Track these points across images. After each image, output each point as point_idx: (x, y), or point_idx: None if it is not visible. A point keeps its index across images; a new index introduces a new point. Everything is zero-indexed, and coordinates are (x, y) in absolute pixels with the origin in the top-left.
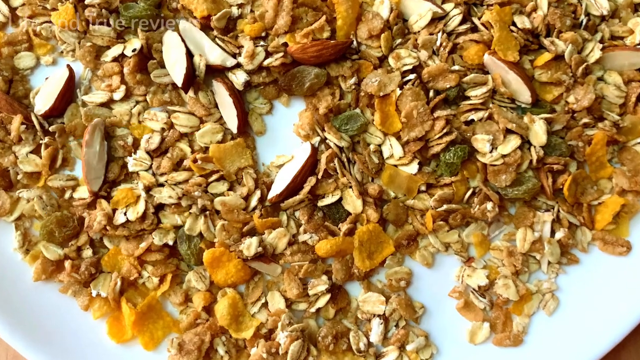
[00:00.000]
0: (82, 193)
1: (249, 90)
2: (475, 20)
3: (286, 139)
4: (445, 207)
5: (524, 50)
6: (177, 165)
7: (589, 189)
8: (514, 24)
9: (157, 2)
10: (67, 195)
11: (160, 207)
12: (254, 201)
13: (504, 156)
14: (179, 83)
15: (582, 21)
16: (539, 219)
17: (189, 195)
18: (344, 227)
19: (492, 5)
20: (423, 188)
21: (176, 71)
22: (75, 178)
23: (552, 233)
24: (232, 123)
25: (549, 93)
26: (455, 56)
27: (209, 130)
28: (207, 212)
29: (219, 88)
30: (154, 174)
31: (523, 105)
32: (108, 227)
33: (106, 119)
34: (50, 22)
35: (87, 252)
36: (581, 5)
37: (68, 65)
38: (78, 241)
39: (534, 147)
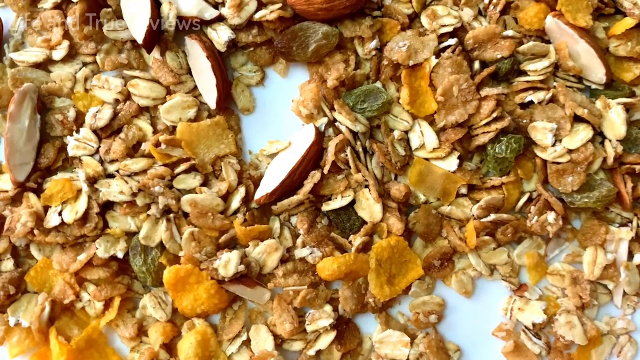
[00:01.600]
0: (4, 183)
1: (233, 53)
2: None
3: (282, 119)
4: (492, 216)
5: (596, 14)
6: (133, 150)
7: None
8: None
9: None
10: None
11: (107, 206)
12: (235, 202)
13: (570, 151)
14: (140, 39)
15: None
16: (613, 236)
17: (147, 191)
18: (357, 240)
19: None
20: (463, 191)
21: (137, 23)
22: None
23: (630, 255)
24: (210, 95)
25: (628, 71)
26: (508, 18)
27: (178, 104)
28: (171, 215)
29: (193, 48)
30: (101, 161)
31: (594, 86)
32: (36, 231)
33: (41, 85)
34: None
35: (7, 264)
36: None
37: None
38: None
39: (609, 141)
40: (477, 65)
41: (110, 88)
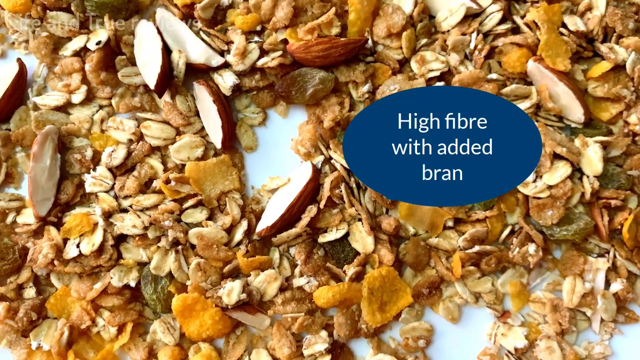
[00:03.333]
0: (28, 217)
1: (238, 96)
2: (518, 19)
3: (282, 157)
4: (477, 248)
5: (575, 57)
6: (146, 187)
7: None
8: (564, 25)
9: None
10: (9, 220)
11: (121, 239)
12: (238, 234)
13: (550, 187)
14: (152, 85)
15: None
16: (591, 266)
17: (157, 224)
18: (351, 270)
19: (538, 2)
20: (450, 223)
21: (149, 70)
22: (20, 198)
23: (607, 284)
24: (216, 136)
25: (605, 111)
26: (492, 62)
27: (187, 144)
28: (180, 247)
29: (201, 92)
30: (116, 197)
31: (573, 125)
32: (56, 262)
33: (61, 127)
34: None
35: (29, 292)
36: None
37: (19, 60)
38: (19, 278)
39: (587, 177)
40: None
41: (125, 129)
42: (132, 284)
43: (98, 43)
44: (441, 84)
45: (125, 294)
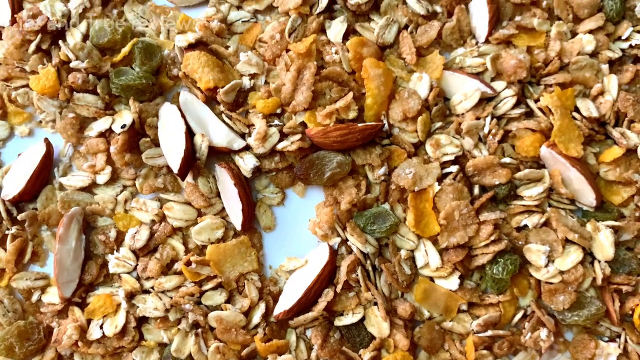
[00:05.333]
0: (53, 297)
1: (258, 177)
2: (531, 103)
3: (300, 236)
4: (490, 332)
5: (587, 139)
6: (167, 268)
7: None
8: (576, 109)
9: (154, 68)
10: (34, 298)
11: (143, 320)
12: (256, 317)
13: (562, 272)
14: (175, 168)
15: None
16: (602, 351)
17: (178, 307)
18: (367, 354)
19: (551, 85)
20: (464, 307)
21: (173, 153)
22: (46, 276)
23: None
24: (236, 218)
25: (616, 194)
26: (506, 146)
27: (208, 226)
28: (200, 330)
29: (222, 175)
30: (138, 278)
31: (585, 208)
32: (80, 343)
33: (86, 207)
34: (28, 86)
35: None
36: None
37: (46, 140)
38: (43, 358)
39: (599, 262)
40: (476, 190)
41: (148, 210)
42: None
43: (123, 126)
44: (455, 167)
45: None
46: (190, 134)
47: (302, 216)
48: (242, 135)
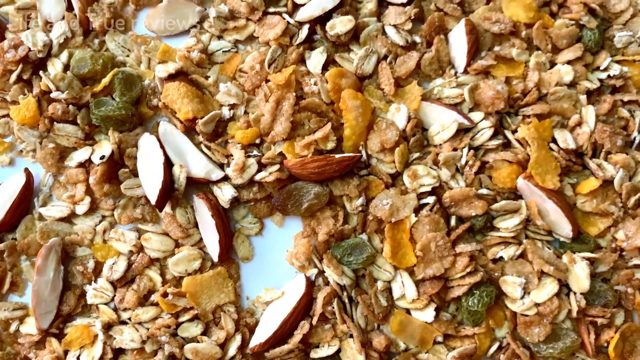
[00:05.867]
0: (30, 327)
1: (236, 207)
2: (509, 134)
3: (278, 267)
4: None
5: (564, 170)
6: (144, 299)
7: None
8: (554, 140)
9: (134, 98)
10: (12, 329)
11: (120, 351)
12: (232, 349)
13: (537, 304)
14: (153, 200)
15: (634, 139)
16: None
17: (154, 339)
18: None
19: (529, 116)
20: (440, 339)
21: (151, 184)
22: (24, 307)
23: None
24: (213, 249)
25: (593, 226)
26: (483, 177)
27: (185, 257)
28: None
29: (200, 206)
30: (115, 309)
31: (562, 239)
32: None
33: (65, 237)
34: (8, 116)
35: None
36: (634, 119)
37: (26, 169)
38: None
39: (574, 294)
40: (453, 221)
41: (126, 241)
42: None
43: (102, 158)
44: (432, 198)
45: None
46: (169, 164)
47: (280, 246)
48: (221, 166)
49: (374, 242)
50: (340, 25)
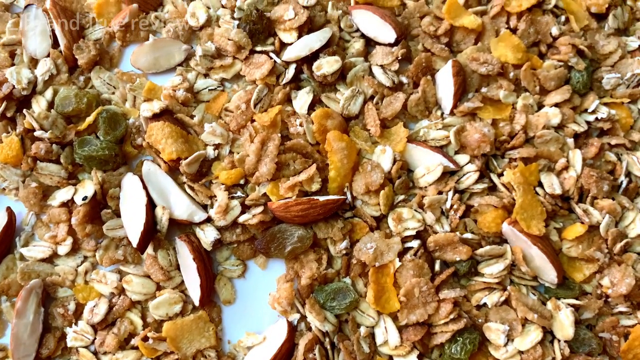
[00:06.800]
0: None
1: (219, 248)
2: (494, 177)
3: (260, 310)
4: None
5: (551, 214)
6: (125, 342)
7: None
8: (540, 184)
9: (118, 137)
10: None
11: None
12: None
13: (521, 352)
14: (134, 243)
15: (621, 183)
16: None
17: None
18: None
19: (515, 159)
20: None
21: (133, 227)
22: (4, 348)
23: None
24: (195, 293)
25: (578, 271)
26: (468, 220)
27: (166, 301)
28: None
29: (182, 248)
30: (95, 352)
31: (547, 284)
32: None
33: (46, 278)
34: None
35: None
36: (621, 163)
37: (8, 209)
38: None
39: (559, 341)
40: (437, 265)
41: (107, 283)
42: None
43: (84, 199)
44: (417, 242)
45: None
46: (152, 205)
47: (263, 289)
48: (205, 206)
49: (358, 285)
50: (327, 65)
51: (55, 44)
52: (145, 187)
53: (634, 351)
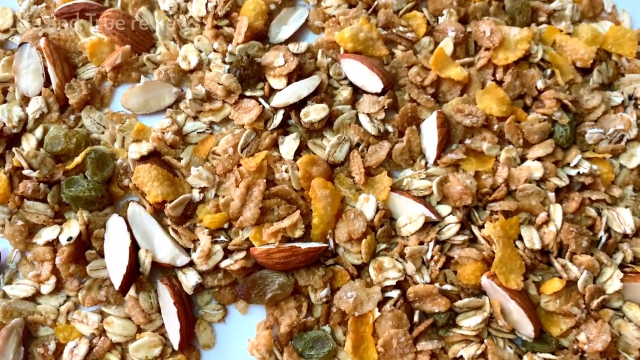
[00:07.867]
0: None
1: (200, 292)
2: (475, 229)
3: (239, 355)
4: None
5: (530, 267)
6: None
7: None
8: (520, 237)
9: (105, 178)
10: None
11: None
12: None
13: None
14: (117, 285)
15: (600, 238)
16: None
17: None
18: None
19: (496, 212)
20: None
21: (116, 269)
22: None
23: None
24: (174, 337)
25: (556, 326)
26: (448, 271)
27: (145, 344)
28: None
29: (163, 292)
30: None
31: (524, 338)
32: None
33: (28, 316)
34: None
35: None
36: (601, 219)
37: None
38: None
39: None
40: (416, 316)
41: (88, 324)
42: None
43: (69, 239)
44: (397, 292)
45: None
46: (135, 247)
47: (243, 334)
48: (188, 250)
49: (337, 334)
50: (315, 113)
51: (47, 82)
52: (129, 229)
53: None
